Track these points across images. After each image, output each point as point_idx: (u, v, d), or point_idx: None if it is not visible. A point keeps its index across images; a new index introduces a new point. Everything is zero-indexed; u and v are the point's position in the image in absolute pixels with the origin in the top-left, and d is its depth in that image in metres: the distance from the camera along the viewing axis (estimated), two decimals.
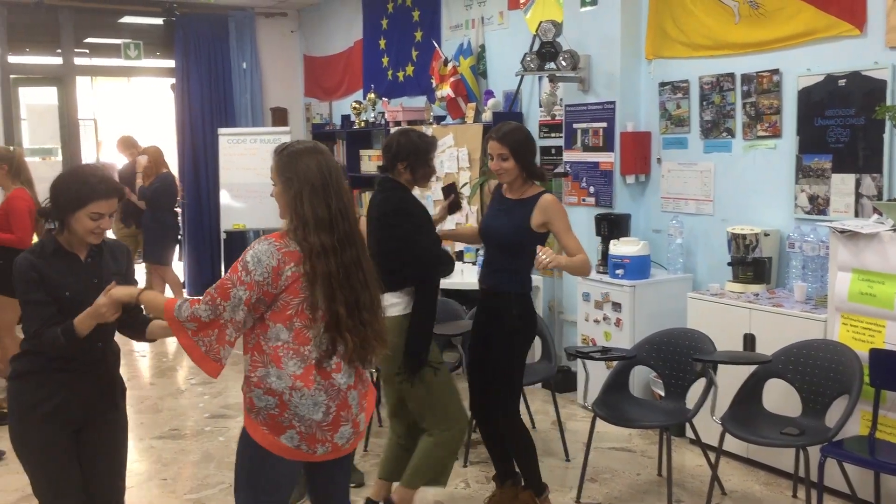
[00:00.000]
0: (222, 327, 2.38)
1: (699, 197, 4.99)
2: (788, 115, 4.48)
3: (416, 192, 3.61)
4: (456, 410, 3.57)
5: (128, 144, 8.35)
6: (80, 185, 2.66)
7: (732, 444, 3.92)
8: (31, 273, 2.62)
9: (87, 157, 9.12)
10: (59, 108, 8.87)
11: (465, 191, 6.30)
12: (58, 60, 8.74)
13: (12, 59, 8.37)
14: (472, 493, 4.10)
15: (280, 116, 9.56)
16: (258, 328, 2.43)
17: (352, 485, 4.12)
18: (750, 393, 3.81)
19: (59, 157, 8.92)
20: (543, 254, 3.33)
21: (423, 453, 3.56)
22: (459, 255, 6.13)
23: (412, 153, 3.47)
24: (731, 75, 4.74)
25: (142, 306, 2.69)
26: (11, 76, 8.40)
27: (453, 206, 3.78)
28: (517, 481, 3.80)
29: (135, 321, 2.78)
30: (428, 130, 6.67)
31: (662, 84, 5.15)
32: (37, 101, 9.11)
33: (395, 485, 3.67)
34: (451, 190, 3.76)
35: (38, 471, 2.73)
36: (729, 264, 4.56)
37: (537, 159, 4.28)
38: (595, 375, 4.32)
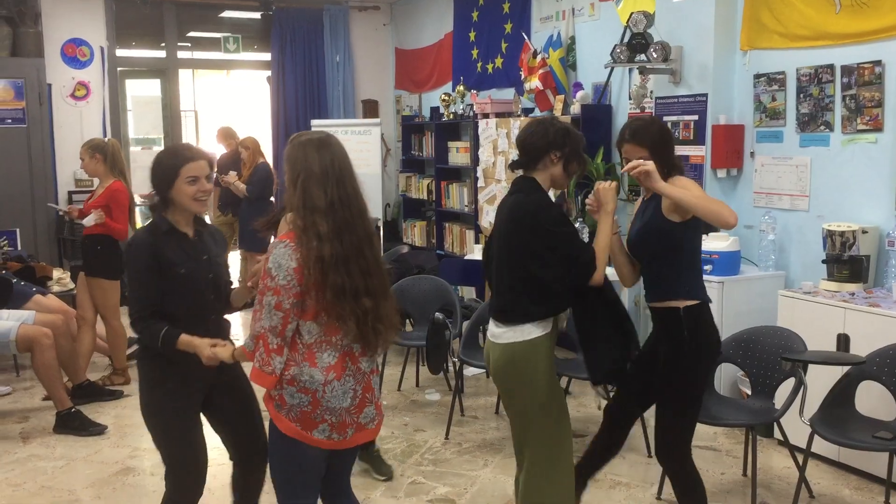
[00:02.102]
0: (264, 337, 2.44)
1: (794, 192, 4.85)
2: (891, 109, 4.30)
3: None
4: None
5: (227, 135, 8.64)
6: (170, 157, 2.83)
7: (822, 446, 3.80)
8: (141, 253, 2.76)
9: None
10: (162, 100, 9.26)
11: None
12: (161, 54, 9.13)
13: (120, 52, 8.77)
14: None
15: (371, 108, 9.74)
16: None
17: (381, 478, 4.15)
18: (842, 394, 3.70)
19: (162, 148, 9.31)
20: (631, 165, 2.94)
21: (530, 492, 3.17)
22: None
23: (570, 140, 3.04)
24: (831, 67, 4.58)
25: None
26: (119, 69, 8.82)
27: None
28: None
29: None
30: (516, 122, 6.68)
31: (757, 76, 5.02)
32: (141, 93, 9.53)
33: None
34: (559, 199, 3.54)
35: (165, 441, 2.87)
36: (824, 262, 4.42)
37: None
38: None
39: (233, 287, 3.05)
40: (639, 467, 4.29)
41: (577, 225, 5.84)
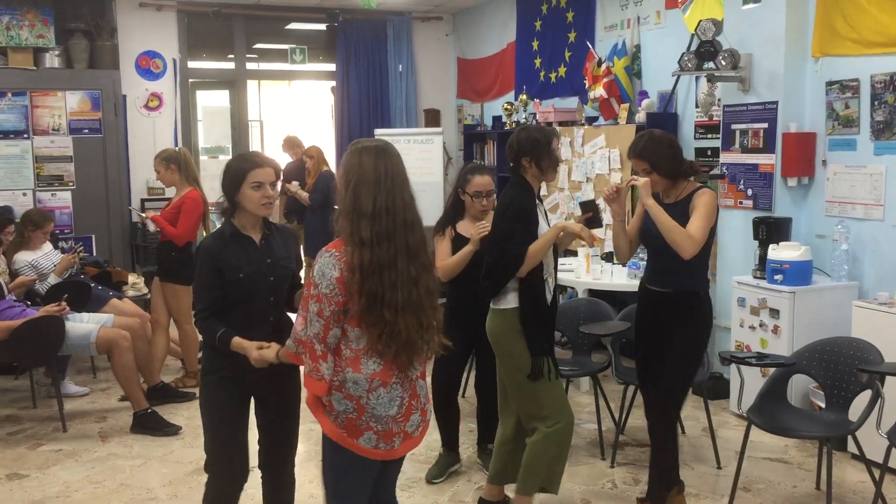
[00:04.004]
0: (308, 344, 2.48)
1: (868, 201, 4.76)
2: None
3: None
4: (564, 403, 3.60)
5: (292, 144, 8.82)
6: (237, 163, 2.97)
7: None
8: (206, 258, 2.92)
9: None
10: (230, 110, 9.49)
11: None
12: (230, 65, 9.36)
13: (191, 64, 9.02)
14: (619, 493, 4.10)
15: (433, 118, 9.82)
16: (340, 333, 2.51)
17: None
18: None
19: (230, 157, 9.53)
20: (640, 179, 3.50)
21: (532, 452, 3.56)
22: (609, 257, 6.10)
23: (533, 147, 3.49)
24: None
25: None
26: (190, 80, 9.07)
27: (591, 223, 3.68)
28: (682, 489, 3.81)
29: (291, 299, 3.07)
30: (579, 131, 6.68)
31: (830, 83, 4.94)
32: (211, 104, 9.77)
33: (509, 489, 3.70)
34: (590, 207, 3.67)
35: (209, 426, 3.02)
36: None
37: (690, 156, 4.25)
38: (750, 383, 4.22)
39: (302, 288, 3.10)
40: (708, 478, 4.25)
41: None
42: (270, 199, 2.93)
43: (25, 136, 7.67)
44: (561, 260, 4.77)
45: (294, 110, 13.81)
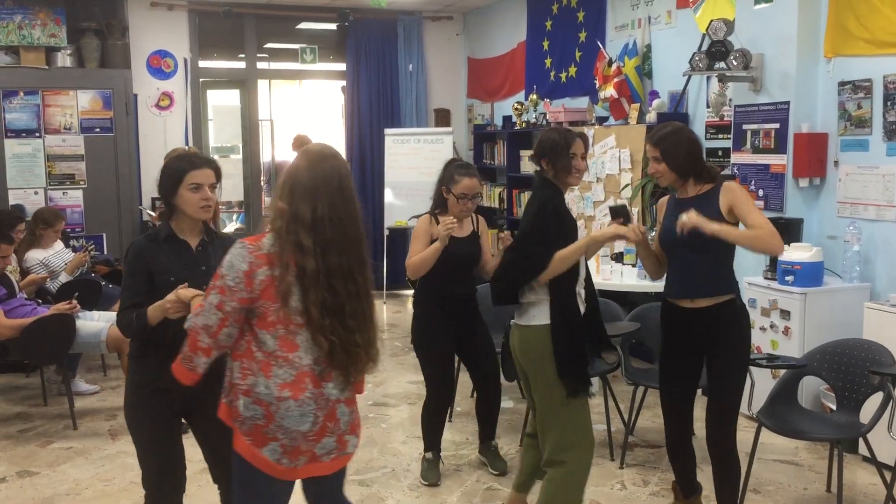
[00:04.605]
0: (194, 333, 2.35)
1: (880, 202, 4.72)
2: None
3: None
4: (590, 429, 3.36)
5: (302, 142, 8.68)
6: (174, 163, 2.83)
7: None
8: (135, 258, 2.79)
9: (265, 155, 9.70)
10: (241, 110, 9.51)
11: (627, 192, 6.26)
12: (241, 65, 9.38)
13: (202, 63, 9.05)
14: (628, 494, 4.09)
15: (443, 117, 9.81)
16: (248, 335, 2.37)
17: (495, 472, 4.25)
18: None
19: (240, 156, 9.57)
20: (685, 214, 3.20)
21: (552, 491, 3.30)
22: (619, 257, 6.08)
23: (550, 149, 3.34)
24: None
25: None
26: (201, 79, 9.09)
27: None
28: (700, 491, 3.73)
29: None
30: (590, 131, 6.66)
31: (842, 83, 4.91)
32: (221, 103, 9.80)
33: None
34: (620, 213, 3.48)
35: (143, 441, 2.88)
36: None
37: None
38: (760, 384, 4.19)
39: None
40: None
41: (651, 234, 5.80)
42: (209, 201, 2.79)
43: (37, 134, 7.70)
44: None
45: (304, 110, 13.82)
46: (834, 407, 4.07)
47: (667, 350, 3.57)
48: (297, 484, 2.55)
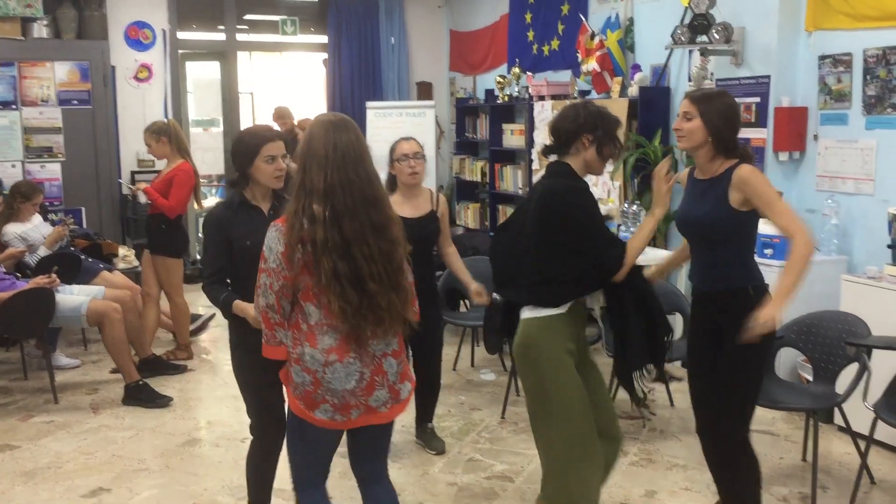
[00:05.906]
0: (264, 314, 2.55)
1: (859, 176, 4.77)
2: None
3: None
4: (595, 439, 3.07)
5: (282, 115, 8.77)
6: (250, 138, 3.05)
7: (884, 432, 3.77)
8: (214, 226, 3.03)
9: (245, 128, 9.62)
10: (221, 82, 9.41)
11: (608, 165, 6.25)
12: (221, 36, 9.26)
13: (181, 35, 8.92)
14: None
15: (425, 90, 9.76)
16: (297, 308, 2.55)
17: (433, 452, 4.26)
18: None
19: (220, 129, 9.48)
20: (758, 322, 2.85)
21: None
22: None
23: (603, 123, 2.96)
24: None
25: None
26: (180, 51, 8.97)
27: None
28: None
29: None
30: None
31: (822, 57, 4.93)
32: (201, 75, 9.68)
33: None
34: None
35: (247, 393, 3.11)
36: (889, 247, 4.35)
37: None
38: None
39: None
40: (696, 449, 4.27)
41: (633, 207, 5.83)
42: (282, 171, 3.03)
43: (14, 106, 7.59)
44: None
45: (284, 82, 13.69)
46: (811, 378, 4.13)
47: (694, 338, 3.30)
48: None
